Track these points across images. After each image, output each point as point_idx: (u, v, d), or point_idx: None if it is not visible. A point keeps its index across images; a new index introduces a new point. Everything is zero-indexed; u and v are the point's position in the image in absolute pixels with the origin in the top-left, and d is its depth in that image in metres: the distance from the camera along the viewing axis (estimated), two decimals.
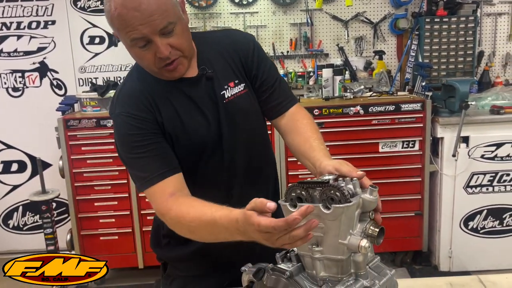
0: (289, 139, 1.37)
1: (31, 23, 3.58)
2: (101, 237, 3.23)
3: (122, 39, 1.19)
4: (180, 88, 1.29)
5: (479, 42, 3.59)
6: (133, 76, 1.32)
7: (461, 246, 3.18)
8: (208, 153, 1.31)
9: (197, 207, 1.14)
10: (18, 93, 3.69)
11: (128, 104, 1.26)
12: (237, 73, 1.34)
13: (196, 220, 1.12)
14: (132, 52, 1.21)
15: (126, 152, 1.27)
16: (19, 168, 3.79)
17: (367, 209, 1.00)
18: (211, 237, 1.15)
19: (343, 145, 3.05)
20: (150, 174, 1.22)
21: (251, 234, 0.98)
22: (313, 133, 1.31)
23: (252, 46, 1.37)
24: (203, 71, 1.30)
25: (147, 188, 1.23)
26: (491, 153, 3.05)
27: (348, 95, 3.27)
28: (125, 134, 1.25)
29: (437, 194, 3.19)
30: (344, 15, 3.61)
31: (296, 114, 1.39)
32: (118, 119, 1.27)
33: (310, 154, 1.23)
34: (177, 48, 1.19)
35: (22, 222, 3.88)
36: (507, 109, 3.03)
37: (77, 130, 3.07)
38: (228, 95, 1.32)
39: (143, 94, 1.26)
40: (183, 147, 1.28)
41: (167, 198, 1.19)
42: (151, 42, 1.15)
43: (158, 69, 1.22)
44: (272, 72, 1.40)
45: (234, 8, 3.58)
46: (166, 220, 1.22)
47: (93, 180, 3.14)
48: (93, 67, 3.66)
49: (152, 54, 1.17)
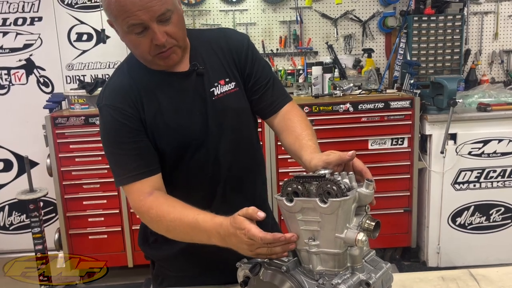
0: (282, 138, 1.37)
1: (17, 20, 3.52)
2: (90, 236, 3.19)
3: (118, 26, 1.19)
4: (169, 82, 1.29)
5: (466, 40, 3.64)
6: (123, 69, 1.33)
7: (449, 242, 3.22)
8: (193, 149, 1.30)
9: (179, 207, 1.18)
10: (3, 90, 3.62)
11: (115, 97, 1.26)
12: (229, 72, 1.34)
13: (177, 221, 1.16)
14: (127, 39, 1.20)
15: (108, 146, 1.28)
16: (5, 167, 3.73)
17: (363, 203, 1.01)
18: (185, 238, 1.19)
19: (333, 142, 3.06)
20: (128, 173, 1.24)
21: (232, 239, 1.04)
22: (303, 130, 1.31)
23: (247, 45, 1.37)
24: (194, 67, 1.30)
25: (124, 185, 1.26)
26: (478, 150, 3.10)
27: (337, 93, 3.28)
28: (109, 128, 1.26)
29: (425, 190, 3.23)
30: (333, 13, 3.63)
31: (288, 112, 1.38)
32: (104, 111, 1.27)
33: (301, 153, 1.23)
34: (172, 37, 1.20)
35: (8, 222, 3.82)
36: (494, 106, 3.08)
37: (65, 128, 3.03)
38: (218, 93, 1.31)
39: (131, 88, 1.26)
40: (167, 142, 1.28)
41: (146, 197, 1.22)
42: (148, 29, 1.16)
43: (152, 56, 1.22)
44: (266, 72, 1.40)
45: (224, 5, 3.57)
46: (144, 218, 1.25)
47: (82, 178, 3.11)
48: (80, 64, 3.61)
49: (148, 41, 1.18)
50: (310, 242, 1.00)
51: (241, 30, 3.57)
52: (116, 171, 1.28)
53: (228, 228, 1.04)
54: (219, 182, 1.35)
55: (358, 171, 1.07)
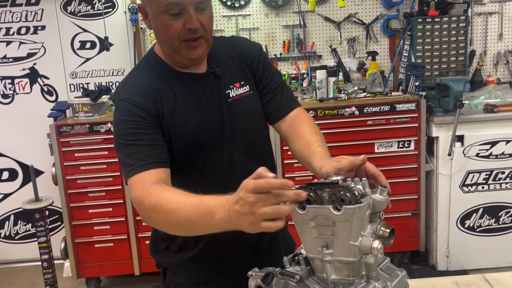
0: (290, 144, 1.36)
1: (21, 29, 3.53)
2: (96, 245, 3.17)
3: (153, 5, 1.20)
4: (187, 82, 1.31)
5: (471, 41, 3.62)
6: (141, 67, 1.34)
7: (458, 245, 3.19)
8: (208, 150, 1.30)
9: (184, 192, 1.08)
10: (7, 99, 3.63)
11: (132, 91, 1.26)
12: (243, 75, 1.37)
13: (180, 202, 1.04)
14: (160, 20, 1.21)
15: (120, 138, 1.24)
16: (10, 176, 3.73)
17: (377, 210, 0.99)
18: (186, 223, 1.04)
19: (339, 146, 3.04)
20: (137, 163, 1.19)
21: (236, 207, 0.91)
22: (312, 136, 1.30)
23: (259, 51, 1.42)
24: (212, 69, 1.33)
25: (131, 176, 1.19)
26: (486, 152, 3.07)
27: (342, 96, 3.26)
28: (123, 120, 1.24)
29: (433, 193, 3.20)
30: (336, 17, 3.61)
31: (297, 118, 1.39)
32: (120, 104, 1.26)
33: (311, 160, 1.21)
34: (204, 27, 1.22)
35: (14, 231, 3.81)
36: (500, 107, 3.05)
37: (69, 136, 3.03)
38: (233, 95, 1.34)
39: (148, 84, 1.27)
40: (182, 142, 1.27)
41: (149, 185, 1.14)
42: (183, 12, 1.18)
43: (179, 43, 1.22)
44: (276, 77, 1.43)
45: (226, 11, 3.57)
46: (143, 206, 1.12)
47: (87, 186, 3.09)
48: (84, 72, 3.61)
49: (181, 24, 1.19)
50: (323, 250, 0.97)
51: (244, 35, 3.57)
52: (126, 162, 1.22)
53: (233, 197, 0.93)
54: (232, 184, 1.32)
55: (371, 175, 1.06)
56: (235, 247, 1.31)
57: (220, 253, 1.33)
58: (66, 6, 3.51)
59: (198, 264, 1.37)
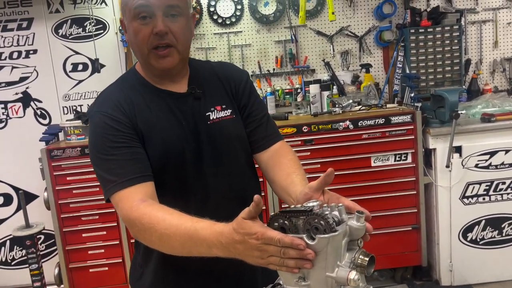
0: (271, 174, 1.31)
1: (13, 53, 3.53)
2: (90, 269, 3.12)
3: (127, 13, 1.21)
4: (165, 100, 1.28)
5: (466, 50, 3.58)
6: (117, 82, 1.33)
7: (461, 259, 3.10)
8: (182, 171, 1.26)
9: (176, 215, 1.07)
10: (1, 124, 3.61)
11: (107, 104, 1.24)
12: (226, 99, 1.34)
13: (173, 228, 1.03)
14: (131, 28, 1.21)
15: (98, 152, 1.20)
16: (5, 201, 3.69)
17: (355, 237, 0.93)
18: (182, 249, 1.05)
19: (334, 161, 2.99)
20: (120, 178, 1.15)
21: (239, 247, 0.92)
22: (296, 169, 1.27)
23: (246, 78, 1.40)
24: (192, 90, 1.30)
25: (115, 193, 1.15)
26: (485, 162, 3.00)
27: (337, 110, 3.21)
28: (100, 133, 1.20)
29: (433, 206, 3.12)
30: (328, 30, 3.59)
31: (280, 149, 1.36)
32: (95, 117, 1.23)
33: (292, 189, 1.17)
34: (174, 35, 1.20)
35: (10, 256, 3.76)
36: (498, 116, 2.99)
37: (61, 160, 2.99)
38: (213, 117, 1.31)
39: (124, 99, 1.25)
40: (155, 160, 1.23)
41: (138, 204, 1.11)
42: (152, 17, 1.18)
43: (148, 50, 1.21)
44: (261, 107, 1.41)
45: (218, 28, 3.55)
46: (135, 226, 1.11)
47: (80, 210, 3.05)
48: (77, 94, 3.59)
49: (150, 29, 1.19)
50: (300, 282, 0.92)
51: (236, 52, 3.55)
52: (107, 178, 1.17)
53: (232, 236, 0.93)
54: (206, 208, 1.27)
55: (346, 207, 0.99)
56: (213, 276, 1.26)
57: (198, 282, 1.28)
58: (57, 29, 3.51)
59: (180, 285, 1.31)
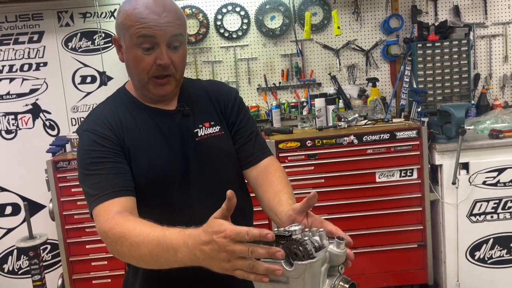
0: (259, 192, 1.31)
1: (23, 66, 3.59)
2: (93, 281, 3.12)
3: (126, 37, 1.20)
4: (154, 117, 1.29)
5: (475, 65, 3.53)
6: (108, 101, 1.34)
7: (468, 278, 3.03)
8: (171, 188, 1.26)
9: (147, 223, 1.04)
10: (11, 135, 3.66)
11: (95, 122, 1.26)
12: (215, 116, 1.35)
13: (142, 235, 1.00)
14: (131, 53, 1.21)
15: (83, 168, 1.21)
16: (13, 211, 3.73)
17: (336, 263, 0.91)
18: (150, 258, 1.00)
19: (338, 176, 2.96)
20: (101, 192, 1.15)
21: (205, 248, 0.88)
22: (284, 187, 1.25)
23: (235, 96, 1.41)
24: (181, 107, 1.32)
25: (96, 207, 1.14)
26: (493, 179, 2.94)
27: (342, 124, 3.19)
28: (86, 149, 1.22)
29: (439, 223, 3.07)
30: (335, 44, 3.58)
31: (269, 166, 1.35)
32: (83, 135, 1.25)
33: (278, 209, 1.16)
34: (175, 66, 1.23)
35: (17, 266, 3.79)
36: (506, 133, 2.93)
37: (66, 172, 3.02)
38: (202, 134, 1.31)
39: (111, 115, 1.26)
40: (143, 177, 1.23)
41: (113, 215, 1.09)
42: (156, 47, 1.19)
43: (148, 78, 1.23)
44: (250, 124, 1.41)
45: (224, 42, 3.57)
46: (108, 237, 1.08)
47: (84, 222, 3.06)
48: (85, 106, 3.64)
49: (153, 59, 1.20)
50: None
51: (242, 65, 3.57)
52: (89, 193, 1.17)
53: (200, 237, 0.89)
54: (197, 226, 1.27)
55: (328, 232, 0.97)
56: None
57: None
58: (67, 43, 3.57)
59: None
